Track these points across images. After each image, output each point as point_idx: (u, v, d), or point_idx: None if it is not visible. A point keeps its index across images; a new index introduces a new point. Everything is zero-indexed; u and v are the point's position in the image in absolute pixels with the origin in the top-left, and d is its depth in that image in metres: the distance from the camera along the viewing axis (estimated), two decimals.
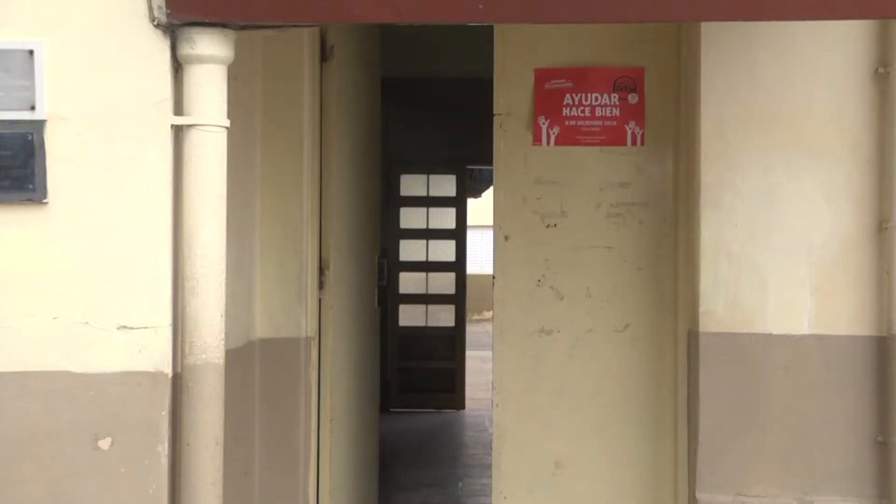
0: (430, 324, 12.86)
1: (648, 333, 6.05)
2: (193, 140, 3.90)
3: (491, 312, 6.25)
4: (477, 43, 6.22)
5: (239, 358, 4.80)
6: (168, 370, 3.90)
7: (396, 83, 8.70)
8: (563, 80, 6.06)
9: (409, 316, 12.69)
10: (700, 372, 5.52)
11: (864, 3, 4.00)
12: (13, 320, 3.88)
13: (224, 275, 4.00)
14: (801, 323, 5.45)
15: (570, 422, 6.04)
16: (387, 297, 11.31)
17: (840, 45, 5.44)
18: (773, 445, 5.45)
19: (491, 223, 6.25)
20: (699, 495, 5.50)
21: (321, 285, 5.94)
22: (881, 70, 5.36)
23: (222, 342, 3.96)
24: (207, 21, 3.85)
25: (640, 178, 6.03)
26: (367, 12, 4.02)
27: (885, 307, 5.36)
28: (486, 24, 4.32)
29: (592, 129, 6.07)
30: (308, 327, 5.79)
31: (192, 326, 3.90)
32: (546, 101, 6.07)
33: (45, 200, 3.87)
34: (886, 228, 5.33)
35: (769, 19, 4.80)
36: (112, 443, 3.87)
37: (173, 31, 3.87)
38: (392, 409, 11.73)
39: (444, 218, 12.81)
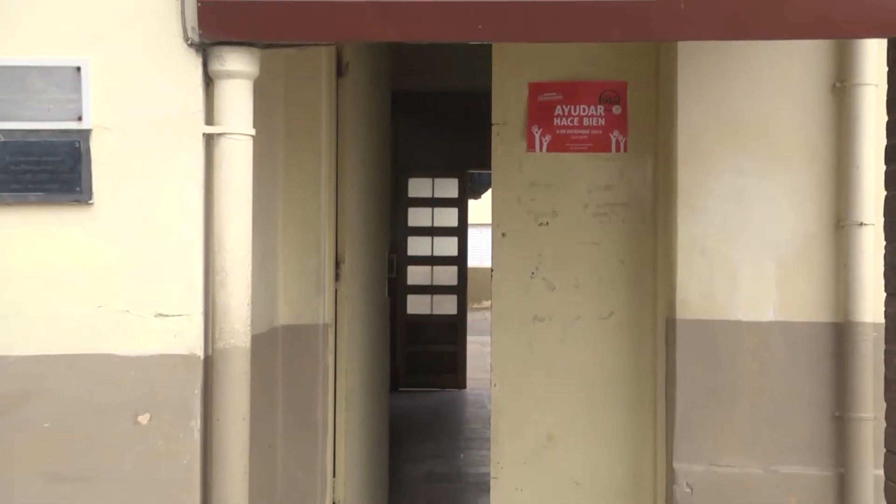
0: (435, 312, 12.89)
1: (631, 321, 6.05)
2: (223, 147, 3.91)
3: (489, 302, 6.24)
4: (476, 59, 6.21)
5: (264, 343, 4.81)
6: (200, 353, 3.91)
7: (405, 96, 8.71)
8: (555, 94, 6.06)
9: (416, 305, 12.72)
10: (677, 355, 5.54)
11: (821, 25, 3.98)
12: (62, 308, 3.89)
13: (250, 268, 4.00)
14: (768, 311, 5.47)
15: (561, 400, 6.03)
16: (396, 288, 11.34)
17: (802, 62, 5.46)
18: (741, 421, 5.46)
19: (489, 222, 6.25)
20: (676, 466, 5.51)
21: (337, 277, 5.95)
22: (838, 84, 5.39)
23: (249, 328, 3.97)
24: (235, 40, 3.87)
25: (623, 181, 6.02)
26: (378, 31, 3.99)
27: (841, 297, 5.39)
28: (484, 42, 4.30)
29: (580, 137, 6.07)
30: (325, 315, 5.80)
31: (221, 314, 3.92)
32: (539, 112, 6.06)
33: (90, 201, 3.88)
34: (843, 226, 5.37)
35: (739, 39, 4.81)
36: (150, 418, 3.89)
37: (205, 50, 3.88)
38: (401, 389, 11.76)
39: (448, 217, 12.82)
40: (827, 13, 3.80)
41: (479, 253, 13.79)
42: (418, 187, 12.61)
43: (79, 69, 3.85)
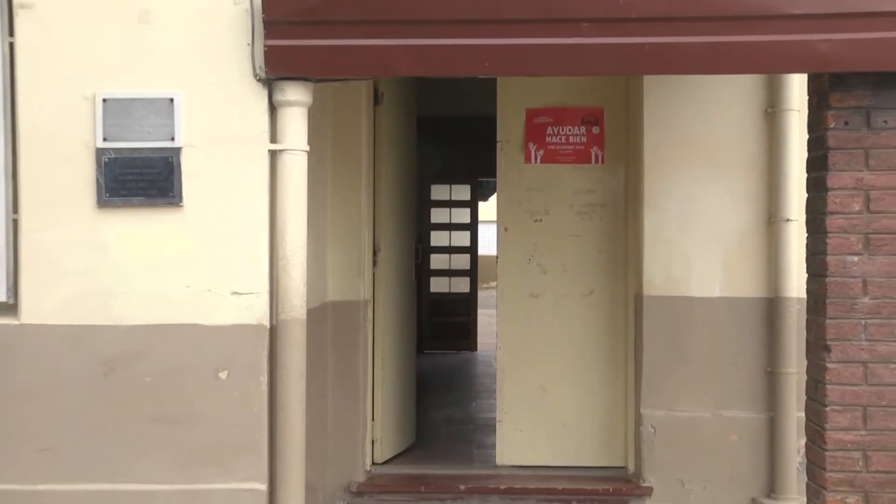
0: (452, 290, 12.79)
1: (607, 297, 6.01)
2: (283, 161, 3.93)
3: (495, 282, 6.23)
4: (484, 90, 6.19)
5: (316, 315, 4.80)
6: (267, 323, 3.94)
7: (428, 119, 8.66)
8: (546, 117, 6.02)
9: (437, 285, 12.63)
10: (643, 324, 5.55)
11: (756, 64, 3.98)
12: (159, 288, 3.93)
13: (305, 256, 4.01)
14: (715, 289, 5.48)
15: (552, 360, 6.01)
16: (421, 272, 11.29)
17: (741, 91, 5.45)
18: (694, 376, 5.48)
19: (495, 219, 6.24)
20: (642, 411, 5.53)
21: (374, 263, 5.95)
22: (769, 110, 5.40)
23: (305, 304, 3.99)
24: (293, 76, 3.89)
25: (601, 186, 5.99)
26: (406, 68, 4.02)
27: (773, 277, 5.40)
28: (490, 76, 4.31)
29: (567, 151, 6.03)
30: (365, 293, 5.80)
31: (283, 292, 3.95)
32: (534, 132, 6.04)
33: (180, 204, 3.92)
34: (774, 222, 5.38)
35: (691, 73, 4.81)
36: (228, 375, 3.93)
37: (269, 84, 3.91)
38: (425, 351, 11.68)
39: (462, 215, 12.74)
40: (761, 54, 3.80)
41: (487, 243, 13.72)
42: (438, 192, 12.53)
43: (172, 100, 3.90)
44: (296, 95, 3.93)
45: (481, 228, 13.04)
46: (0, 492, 3.89)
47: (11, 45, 3.93)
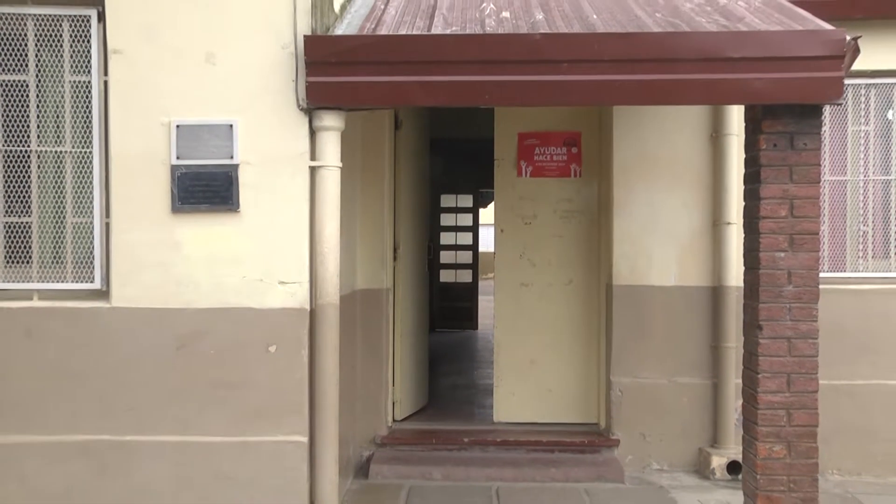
0: (458, 280, 12.70)
1: (584, 286, 6.01)
2: (321, 175, 3.94)
3: (493, 274, 6.20)
4: (485, 118, 6.17)
5: (348, 300, 4.82)
6: (307, 307, 3.94)
7: (439, 141, 8.62)
8: (534, 139, 6.03)
9: (446, 276, 12.50)
10: (613, 308, 5.58)
11: (704, 97, 4.03)
12: (220, 278, 3.94)
13: (339, 252, 4.01)
14: (670, 279, 5.50)
15: (539, 337, 6.02)
16: (433, 265, 11.26)
17: (692, 118, 5.47)
18: (654, 350, 5.51)
19: (493, 222, 6.22)
20: (612, 378, 5.57)
21: (395, 258, 5.95)
22: (714, 134, 5.43)
23: (338, 291, 3.99)
24: (330, 106, 3.90)
25: (579, 196, 6.01)
26: (421, 100, 3.99)
27: (717, 269, 5.42)
28: (489, 106, 4.34)
29: (551, 167, 6.04)
30: (387, 282, 5.81)
31: (320, 282, 3.95)
32: (524, 151, 6.05)
33: (238, 210, 3.93)
34: (718, 225, 5.41)
35: (651, 105, 4.84)
36: (276, 349, 3.93)
37: (310, 112, 3.92)
38: (436, 330, 11.57)
39: (466, 219, 12.66)
40: (708, 90, 3.80)
41: (486, 242, 13.71)
42: (447, 200, 12.42)
43: (231, 126, 3.91)
44: (331, 122, 3.92)
45: (481, 230, 12.94)
46: (98, 440, 3.92)
47: (106, 83, 3.97)
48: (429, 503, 4.86)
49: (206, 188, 3.92)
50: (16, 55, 4.02)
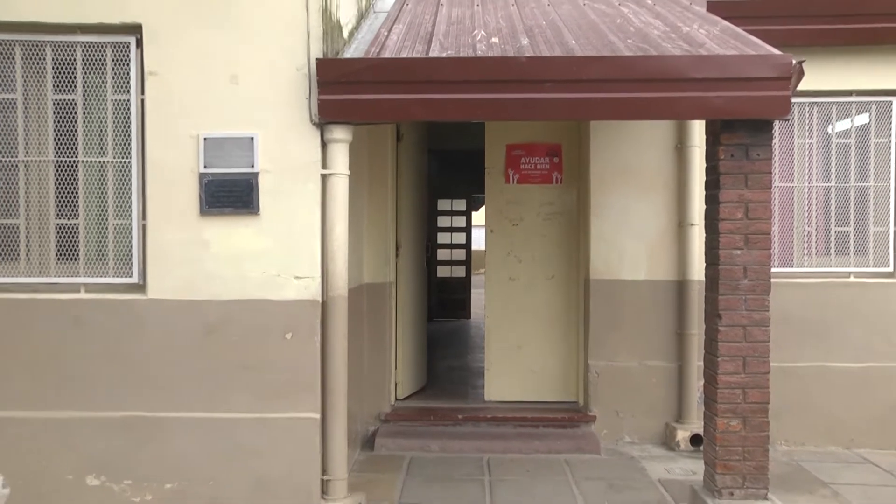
0: (453, 275, 12.63)
1: (565, 280, 6.03)
2: (331, 181, 3.95)
3: (484, 269, 6.22)
4: (477, 130, 6.16)
5: (355, 293, 4.83)
6: (319, 299, 3.94)
7: (436, 152, 8.64)
8: (521, 150, 6.05)
9: (442, 271, 12.41)
10: (590, 300, 5.61)
11: (670, 113, 4.05)
12: (243, 273, 3.93)
13: (347, 250, 4.02)
14: (641, 274, 5.54)
15: (525, 325, 6.04)
16: (430, 262, 11.24)
17: (660, 132, 5.49)
18: (626, 337, 5.55)
19: (484, 224, 6.25)
20: (590, 362, 5.60)
21: (397, 256, 5.97)
22: (679, 146, 5.46)
23: (346, 285, 4.00)
24: (339, 120, 3.91)
25: (560, 200, 6.03)
26: (420, 115, 4.04)
27: (681, 265, 5.46)
28: (480, 120, 4.34)
29: (535, 175, 6.06)
30: (390, 277, 5.83)
31: (330, 277, 3.96)
32: (512, 161, 6.06)
33: (258, 213, 3.92)
34: (683, 226, 5.45)
35: (624, 119, 4.87)
36: (293, 335, 3.93)
37: (322, 126, 3.92)
38: (434, 319, 11.51)
39: (460, 221, 12.58)
40: (674, 106, 3.82)
41: (478, 241, 13.66)
42: (443, 204, 12.34)
43: (252, 139, 3.91)
44: (340, 135, 3.93)
45: (474, 231, 12.86)
46: (136, 416, 3.94)
47: (142, 101, 3.97)
48: (427, 472, 4.89)
49: (230, 193, 3.91)
50: (66, 78, 4.03)
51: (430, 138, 7.53)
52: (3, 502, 3.94)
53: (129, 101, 4.02)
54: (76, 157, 4.05)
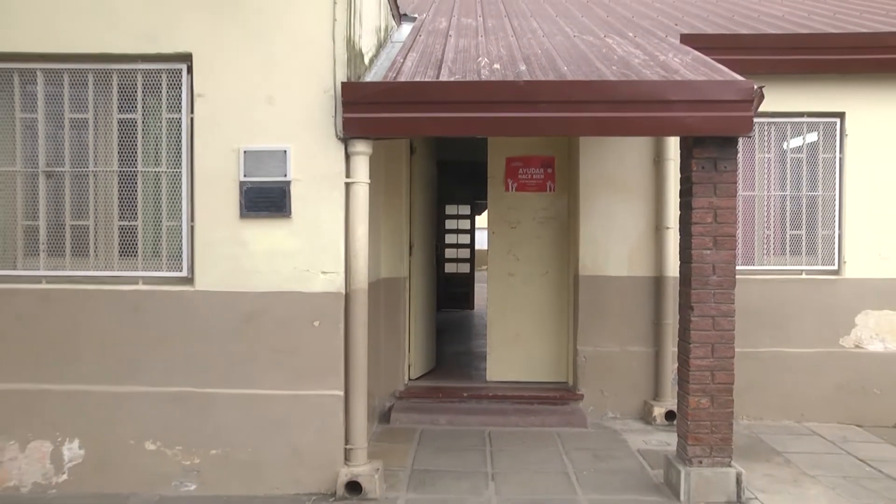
0: (459, 271, 12.56)
1: (558, 276, 6.03)
2: (354, 189, 3.95)
3: (486, 266, 6.20)
4: (480, 144, 6.12)
5: (374, 286, 4.82)
6: (343, 292, 3.94)
7: (444, 163, 8.58)
8: (519, 162, 6.05)
9: (450, 268, 12.33)
10: (579, 293, 5.60)
11: (650, 130, 4.06)
12: (276, 268, 3.94)
13: (367, 249, 4.03)
14: (623, 271, 5.54)
15: (522, 316, 6.04)
16: (439, 260, 11.21)
17: (640, 146, 5.48)
18: (611, 326, 5.54)
19: (486, 226, 6.25)
20: (578, 347, 5.59)
21: (410, 254, 5.98)
22: (657, 159, 5.46)
23: (366, 279, 4.00)
24: (361, 136, 3.92)
25: (553, 206, 6.03)
26: (430, 131, 4.04)
27: (658, 263, 5.45)
28: (483, 136, 4.33)
29: (531, 184, 6.06)
30: (404, 272, 5.83)
31: (353, 272, 3.96)
32: (511, 171, 6.06)
33: (290, 216, 3.93)
34: (660, 229, 5.44)
35: (608, 136, 4.83)
36: (319, 323, 3.93)
37: (345, 141, 3.93)
38: (442, 310, 11.37)
39: (465, 224, 12.55)
40: (652, 124, 3.83)
41: (481, 242, 13.58)
42: (450, 209, 12.31)
43: (285, 151, 3.92)
44: (362, 148, 3.93)
45: (477, 232, 12.80)
46: (185, 391, 3.97)
47: (192, 119, 3.99)
48: (436, 443, 4.92)
49: (265, 199, 3.91)
50: (128, 100, 4.07)
51: (440, 151, 7.52)
52: (79, 461, 4.01)
53: (180, 119, 4.05)
54: (136, 167, 4.09)
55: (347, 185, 3.94)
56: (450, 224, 12.64)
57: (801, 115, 5.52)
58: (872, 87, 5.42)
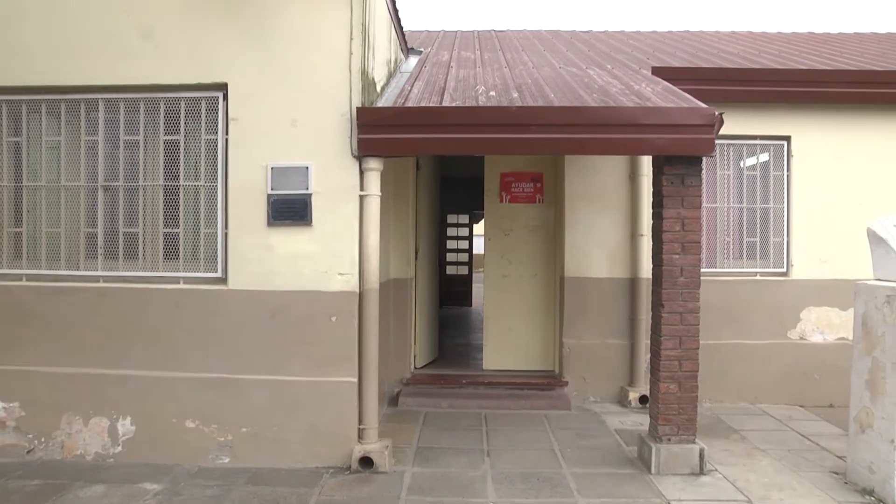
0: (458, 273, 12.55)
1: (546, 277, 6.01)
2: (367, 201, 3.94)
3: (482, 268, 6.19)
4: (478, 162, 6.14)
5: (384, 286, 4.80)
6: (357, 291, 3.93)
7: (446, 178, 8.61)
8: (512, 177, 6.03)
9: (450, 270, 12.31)
10: (564, 293, 5.58)
11: (627, 150, 4.03)
12: (298, 270, 3.94)
13: (378, 253, 4.01)
14: (603, 273, 5.51)
15: (515, 312, 6.02)
16: (441, 263, 11.20)
17: (618, 164, 5.46)
18: (592, 321, 5.51)
19: (482, 233, 6.23)
20: (563, 340, 5.56)
21: (416, 258, 5.96)
22: (632, 174, 5.44)
23: (378, 280, 3.99)
24: (373, 154, 3.92)
25: (541, 216, 6.01)
26: (433, 151, 4.02)
27: (633, 266, 5.43)
28: (481, 154, 4.33)
29: (522, 196, 6.04)
30: (411, 274, 5.81)
31: (366, 274, 3.94)
32: (505, 185, 6.04)
33: (311, 224, 3.93)
34: (635, 236, 5.42)
35: (589, 154, 4.85)
36: (336, 318, 3.92)
37: (360, 158, 3.92)
38: (443, 307, 11.38)
39: (464, 231, 12.54)
40: (628, 145, 3.82)
41: (478, 247, 13.57)
42: (451, 218, 12.32)
43: (307, 168, 3.91)
44: (374, 165, 3.92)
45: (475, 239, 12.86)
46: (220, 377, 3.96)
47: (226, 140, 4.00)
48: (439, 423, 4.91)
49: (290, 209, 3.91)
50: (172, 123, 4.09)
51: (442, 167, 7.51)
52: (131, 435, 4.02)
53: (216, 139, 4.06)
54: (178, 181, 4.10)
55: (361, 197, 3.93)
56: (451, 231, 12.63)
57: (754, 137, 5.54)
58: (814, 114, 5.47)
